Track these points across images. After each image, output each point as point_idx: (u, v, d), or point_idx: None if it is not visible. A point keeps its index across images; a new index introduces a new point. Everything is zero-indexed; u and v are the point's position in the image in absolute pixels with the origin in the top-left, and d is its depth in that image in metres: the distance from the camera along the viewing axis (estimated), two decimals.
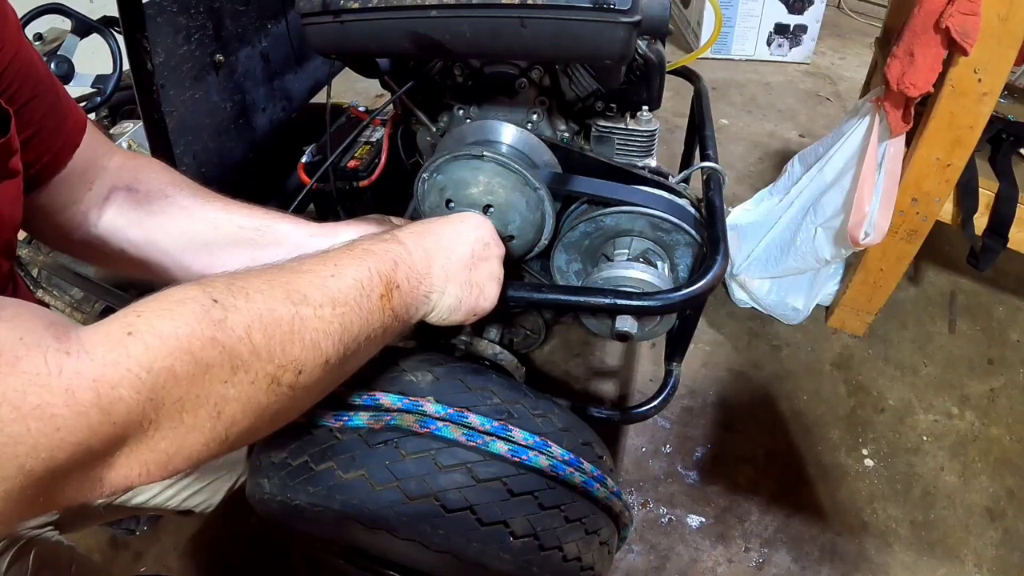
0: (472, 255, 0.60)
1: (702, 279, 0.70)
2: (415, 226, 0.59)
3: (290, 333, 0.41)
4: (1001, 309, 1.70)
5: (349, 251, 0.50)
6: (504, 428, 0.61)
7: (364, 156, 1.10)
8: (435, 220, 0.62)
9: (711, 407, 1.43)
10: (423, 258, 0.56)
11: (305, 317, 0.42)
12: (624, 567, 1.16)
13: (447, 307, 0.58)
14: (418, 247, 0.56)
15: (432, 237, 0.58)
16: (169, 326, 0.34)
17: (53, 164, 0.56)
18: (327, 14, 0.71)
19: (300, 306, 0.42)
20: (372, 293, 0.48)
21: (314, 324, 0.43)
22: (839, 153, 1.34)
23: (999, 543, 1.22)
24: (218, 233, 0.64)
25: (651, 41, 0.83)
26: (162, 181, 0.64)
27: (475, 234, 0.62)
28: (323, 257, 0.49)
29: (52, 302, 1.22)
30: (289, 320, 0.41)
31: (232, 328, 0.37)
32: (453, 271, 0.58)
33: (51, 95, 0.55)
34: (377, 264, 0.50)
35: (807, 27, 2.81)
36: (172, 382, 0.34)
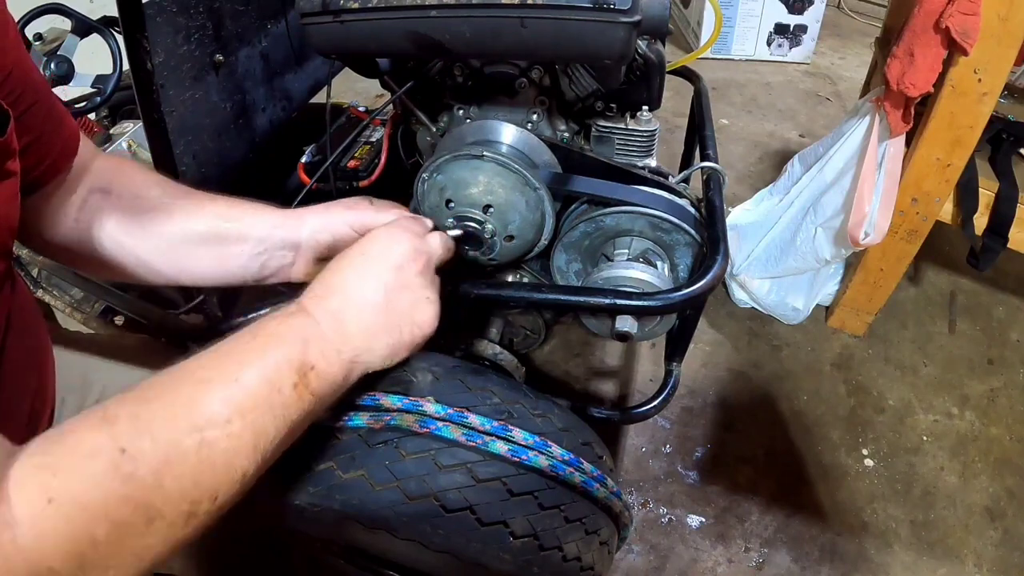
0: (385, 294, 0.54)
1: (702, 279, 0.70)
2: (318, 286, 0.54)
3: (199, 464, 0.40)
4: (1001, 309, 1.70)
5: (252, 341, 0.47)
6: (504, 428, 0.61)
7: (364, 156, 1.10)
8: (338, 268, 0.55)
9: (711, 407, 1.43)
10: (333, 324, 0.51)
11: (213, 441, 0.41)
12: (624, 567, 1.16)
13: (382, 358, 0.55)
14: (325, 313, 0.51)
15: (336, 296, 0.53)
16: (85, 492, 0.35)
17: (52, 169, 0.57)
18: (327, 14, 0.71)
19: (207, 430, 0.41)
20: (284, 386, 0.46)
21: (224, 444, 0.41)
22: (839, 153, 1.34)
23: (999, 543, 1.22)
24: (185, 234, 0.63)
25: (651, 41, 0.83)
26: (135, 183, 0.63)
27: (381, 267, 0.55)
28: (225, 356, 0.46)
29: (52, 302, 1.22)
30: (196, 450, 0.40)
31: (143, 479, 0.38)
32: (370, 323, 0.53)
33: (47, 102, 0.56)
34: (286, 351, 0.47)
35: (807, 27, 2.81)
36: (93, 548, 0.35)
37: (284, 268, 0.67)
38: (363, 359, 0.53)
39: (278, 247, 0.65)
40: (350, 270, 0.55)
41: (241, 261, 0.65)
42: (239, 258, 0.65)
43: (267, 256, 0.65)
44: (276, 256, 0.66)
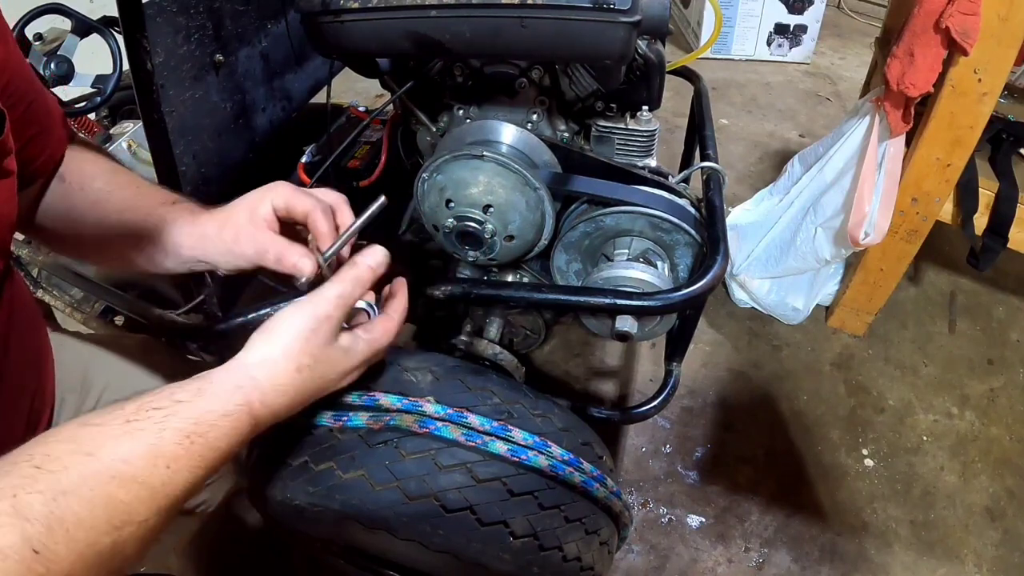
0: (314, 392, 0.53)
1: (702, 279, 0.71)
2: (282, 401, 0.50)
3: (112, 557, 0.40)
4: (1001, 309, 1.70)
5: (188, 447, 0.44)
6: (504, 428, 0.61)
7: (364, 156, 1.10)
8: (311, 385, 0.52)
9: (711, 407, 1.43)
10: (266, 421, 0.49)
11: (128, 537, 0.41)
12: (624, 567, 1.16)
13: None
14: (271, 418, 0.49)
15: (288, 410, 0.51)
16: None
17: (49, 161, 0.58)
18: (327, 14, 0.71)
19: (125, 528, 0.40)
20: (200, 485, 0.45)
21: (138, 536, 0.41)
22: (839, 153, 1.34)
23: (999, 543, 1.22)
24: (122, 224, 0.62)
25: (651, 41, 0.83)
26: (85, 171, 0.63)
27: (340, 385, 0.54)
28: (155, 455, 0.43)
29: (52, 302, 1.22)
30: (111, 547, 0.40)
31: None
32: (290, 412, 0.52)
33: (42, 98, 0.56)
34: (219, 461, 0.46)
35: (807, 27, 2.81)
36: None
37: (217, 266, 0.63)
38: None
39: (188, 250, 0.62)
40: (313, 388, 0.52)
41: (171, 266, 0.63)
42: (168, 264, 0.62)
43: (196, 253, 0.61)
44: (198, 266, 0.63)
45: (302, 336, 0.50)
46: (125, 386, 0.73)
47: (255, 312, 0.81)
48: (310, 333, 0.51)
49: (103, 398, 0.70)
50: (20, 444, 0.57)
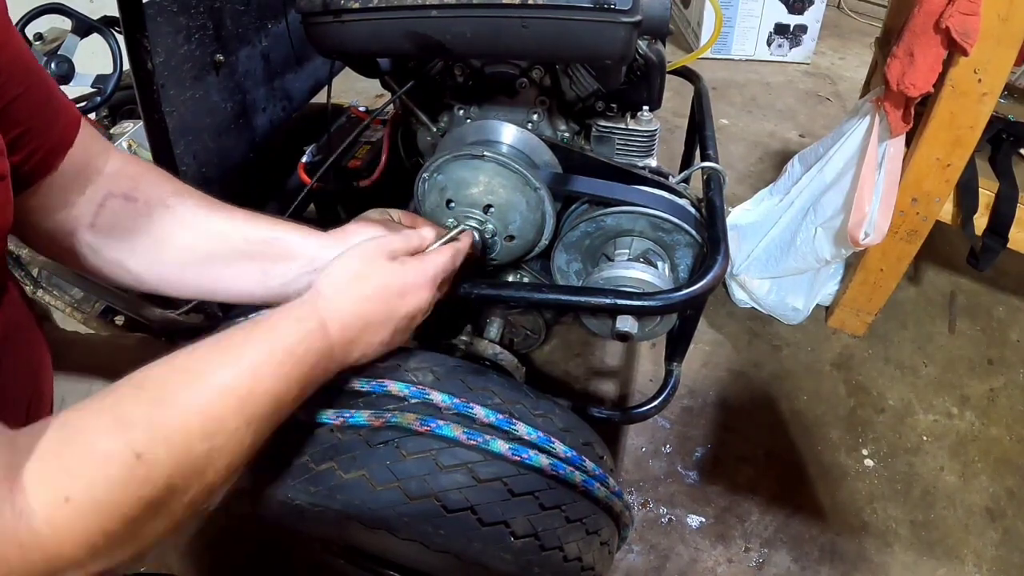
0: (394, 333, 0.60)
1: (702, 279, 0.71)
2: (347, 305, 0.56)
3: (207, 466, 0.44)
4: (1001, 309, 1.70)
5: (271, 355, 0.49)
6: (508, 421, 0.61)
7: (364, 156, 1.10)
8: (372, 297, 0.57)
9: (711, 407, 1.43)
10: (343, 349, 0.55)
11: (222, 446, 0.44)
12: (624, 567, 1.16)
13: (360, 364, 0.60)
14: (343, 339, 0.55)
15: (359, 327, 0.56)
16: (101, 491, 0.38)
17: (44, 164, 0.53)
18: (328, 14, 0.71)
19: (216, 436, 0.44)
20: (287, 400, 0.50)
21: (230, 448, 0.45)
22: (839, 153, 1.34)
23: (999, 543, 1.22)
24: (224, 247, 0.62)
25: (651, 41, 0.83)
26: (163, 191, 0.61)
27: (405, 312, 0.60)
28: (240, 358, 0.48)
29: (52, 302, 1.22)
30: (206, 454, 0.43)
31: (155, 482, 0.40)
32: (372, 351, 0.59)
33: (42, 90, 0.52)
34: (298, 370, 0.50)
35: (807, 27, 2.81)
36: (106, 540, 0.38)
37: None
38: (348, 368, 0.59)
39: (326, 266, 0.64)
40: (384, 309, 0.58)
41: (287, 279, 0.63)
42: (284, 276, 0.63)
43: (315, 275, 0.62)
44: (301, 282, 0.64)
45: (358, 253, 0.59)
46: None
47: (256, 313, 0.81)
48: (364, 252, 0.59)
49: None
50: None
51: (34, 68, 0.51)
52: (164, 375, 0.45)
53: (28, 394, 0.61)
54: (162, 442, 0.41)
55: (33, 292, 1.23)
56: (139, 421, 0.41)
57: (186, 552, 1.18)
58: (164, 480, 0.40)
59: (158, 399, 0.43)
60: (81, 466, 0.38)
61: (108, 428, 0.40)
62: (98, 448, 0.39)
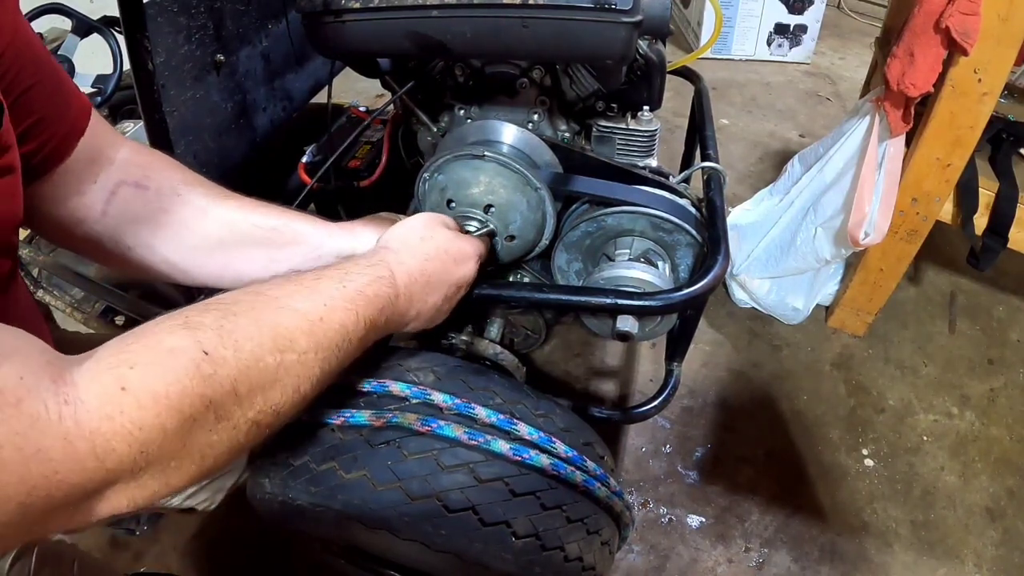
0: (444, 299, 0.64)
1: (703, 279, 0.71)
2: (412, 261, 0.60)
3: (274, 382, 0.43)
4: (1001, 309, 1.70)
5: (343, 289, 0.51)
6: (509, 422, 0.61)
7: (365, 156, 1.10)
8: (433, 258, 0.62)
9: (711, 407, 1.43)
10: (407, 301, 0.58)
11: (289, 364, 0.44)
12: (624, 567, 1.16)
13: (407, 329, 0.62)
14: (407, 291, 0.58)
15: (422, 283, 0.60)
16: (161, 384, 0.36)
17: (56, 153, 0.54)
18: (328, 14, 0.71)
19: (286, 353, 0.44)
20: (353, 337, 0.50)
21: (297, 370, 0.45)
22: (839, 153, 1.34)
23: (999, 543, 1.22)
24: (233, 233, 0.62)
25: (652, 41, 0.83)
26: (174, 179, 0.61)
27: (457, 279, 0.65)
28: (315, 292, 0.49)
29: (52, 302, 1.22)
30: (274, 369, 0.43)
31: (220, 383, 0.39)
32: (425, 312, 0.61)
33: (53, 80, 0.52)
34: (366, 309, 0.52)
35: (807, 27, 2.81)
36: (162, 438, 0.36)
37: None
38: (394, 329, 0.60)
39: (332, 255, 0.66)
40: (442, 270, 0.62)
41: (292, 264, 0.64)
42: (290, 261, 0.65)
43: (321, 263, 0.64)
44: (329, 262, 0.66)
45: (420, 218, 0.66)
46: None
47: None
48: (430, 219, 0.66)
49: None
50: None
51: (45, 58, 0.51)
52: (236, 296, 0.45)
53: None
54: (231, 345, 0.40)
55: (33, 293, 1.23)
56: (210, 324, 0.40)
57: (186, 552, 1.19)
58: (229, 383, 0.39)
59: (230, 311, 0.43)
60: (144, 356, 0.37)
61: (174, 328, 0.39)
62: (164, 342, 0.38)
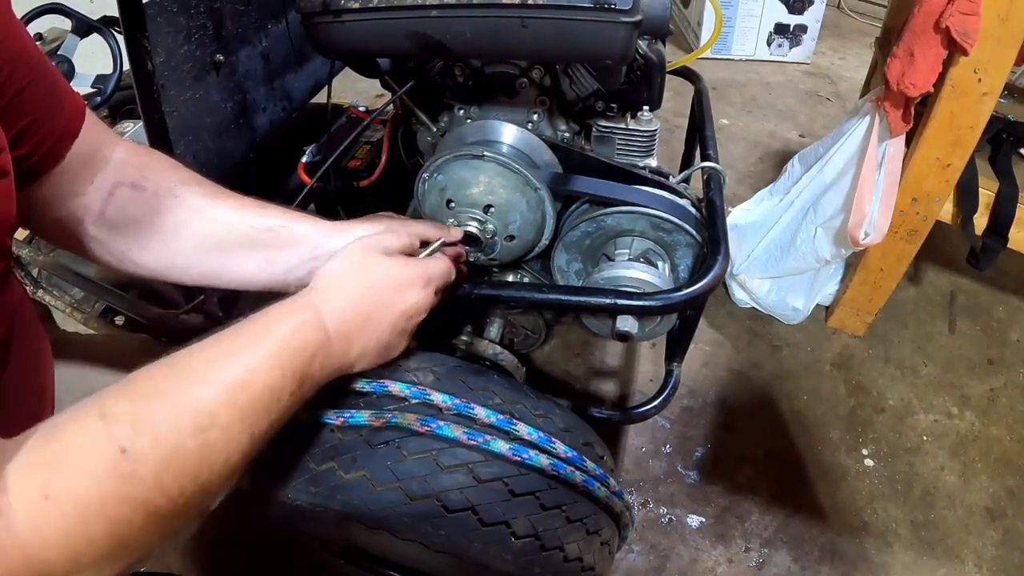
0: (393, 332, 0.58)
1: (703, 279, 0.71)
2: (342, 300, 0.55)
3: (199, 463, 0.41)
4: (1001, 309, 1.70)
5: (262, 346, 0.47)
6: (509, 422, 0.61)
7: (364, 156, 1.10)
8: (369, 292, 0.56)
9: (711, 407, 1.43)
10: (343, 343, 0.54)
11: (214, 442, 0.42)
12: (624, 567, 1.16)
13: (354, 369, 0.58)
14: (340, 332, 0.53)
15: (358, 321, 0.55)
16: (82, 490, 0.35)
17: (51, 155, 0.53)
18: (328, 14, 0.71)
19: (209, 431, 0.41)
20: (283, 394, 0.47)
21: (223, 446, 0.42)
22: (839, 153, 1.34)
23: (999, 543, 1.22)
24: (230, 235, 0.62)
25: (652, 41, 0.83)
26: (171, 179, 0.61)
27: (404, 309, 0.58)
28: (232, 356, 0.46)
29: (52, 302, 1.22)
30: (198, 452, 0.41)
31: (142, 480, 0.38)
32: (371, 349, 0.57)
33: (47, 81, 0.51)
34: (292, 362, 0.48)
35: (807, 27, 2.81)
36: (90, 545, 0.36)
37: None
38: (344, 371, 0.57)
39: (329, 256, 0.64)
40: (380, 304, 0.57)
41: (289, 265, 0.63)
42: (287, 262, 0.63)
43: (317, 263, 0.63)
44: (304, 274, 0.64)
45: (354, 248, 0.59)
46: None
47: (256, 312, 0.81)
48: (362, 247, 0.59)
49: None
50: None
51: (39, 59, 0.51)
52: (152, 372, 0.43)
53: (34, 385, 0.61)
54: (149, 436, 0.38)
55: (33, 293, 1.23)
56: (124, 415, 0.38)
57: (186, 552, 1.18)
58: (152, 478, 0.38)
59: (145, 394, 0.41)
60: (61, 460, 0.36)
61: (90, 423, 0.38)
62: (80, 442, 0.37)
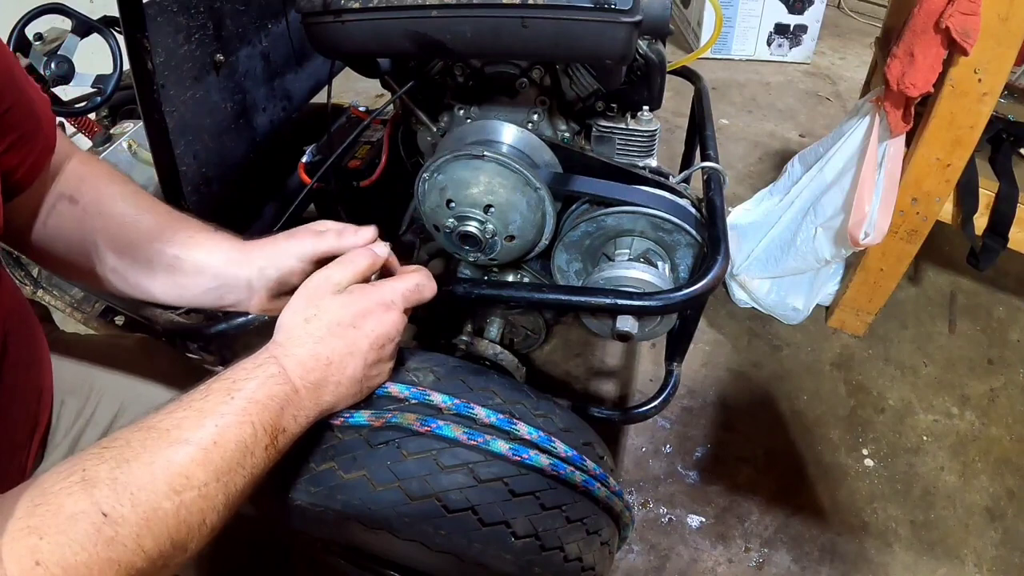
0: (366, 364, 0.56)
1: (703, 279, 0.71)
2: (300, 349, 0.53)
3: (176, 524, 0.42)
4: (1001, 309, 1.70)
5: (231, 402, 0.47)
6: (509, 422, 0.61)
7: (364, 156, 1.10)
8: (324, 336, 0.54)
9: (711, 407, 1.43)
10: (312, 392, 0.53)
11: (190, 502, 0.43)
12: (624, 567, 1.16)
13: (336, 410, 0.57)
14: (306, 381, 0.52)
15: (322, 367, 0.53)
16: (69, 555, 0.37)
17: (36, 167, 0.55)
18: (328, 14, 0.71)
19: (184, 492, 0.43)
20: (256, 449, 0.48)
21: (200, 505, 0.44)
22: (839, 153, 1.34)
23: (999, 543, 1.22)
24: (139, 259, 0.62)
25: (652, 41, 0.83)
26: (101, 194, 0.61)
27: (371, 340, 0.56)
28: (202, 415, 0.46)
29: (52, 302, 1.22)
30: (175, 512, 0.42)
31: (124, 543, 0.39)
32: (346, 387, 0.56)
33: (27, 97, 0.52)
34: (262, 416, 0.48)
35: (807, 27, 2.81)
36: None
37: (241, 302, 0.65)
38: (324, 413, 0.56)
39: (232, 283, 0.63)
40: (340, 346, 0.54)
41: (197, 292, 0.63)
42: (195, 289, 0.63)
43: (223, 291, 0.63)
44: (232, 291, 0.63)
45: (303, 295, 0.57)
46: (125, 387, 0.72)
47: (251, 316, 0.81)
48: (308, 292, 0.57)
49: (104, 399, 0.70)
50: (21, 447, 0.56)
51: (18, 74, 0.52)
52: (129, 435, 0.44)
53: (31, 385, 0.61)
54: (127, 500, 0.40)
55: (33, 292, 1.23)
56: (105, 478, 0.40)
57: None
58: (133, 541, 0.40)
59: (123, 457, 0.42)
60: (49, 526, 0.37)
61: (74, 488, 0.39)
62: (65, 508, 0.38)
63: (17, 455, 0.59)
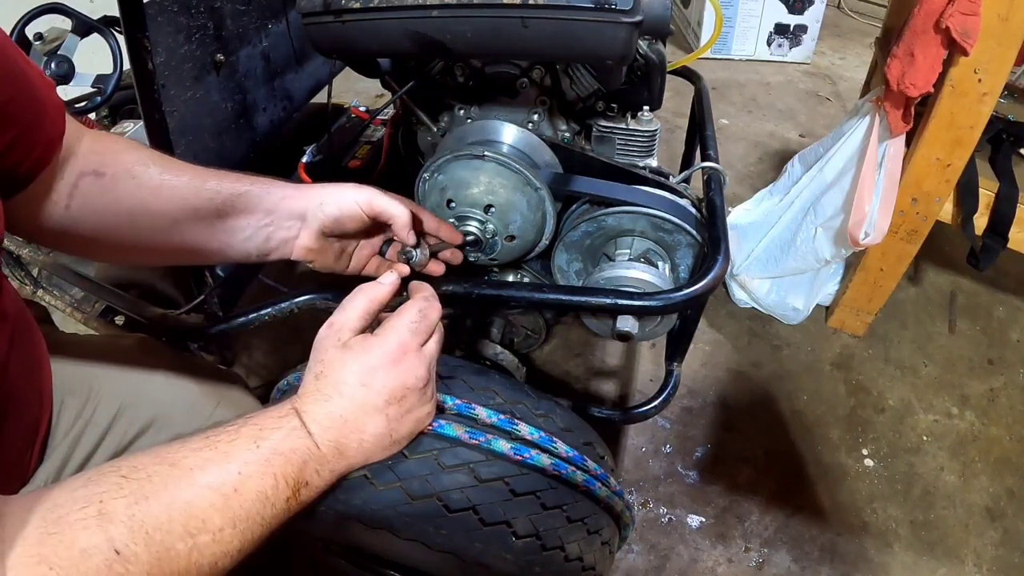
0: (387, 421, 0.54)
1: (703, 279, 0.71)
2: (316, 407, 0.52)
3: (188, 566, 0.42)
4: (1001, 309, 1.70)
5: (255, 451, 0.47)
6: (510, 421, 0.61)
7: (365, 156, 1.10)
8: (342, 397, 0.53)
9: (711, 407, 1.43)
10: (334, 449, 0.52)
11: (203, 546, 0.43)
12: (624, 567, 1.16)
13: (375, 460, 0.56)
14: (326, 438, 0.51)
15: (338, 425, 0.52)
16: None
17: (42, 159, 0.54)
18: (328, 14, 0.71)
19: (199, 536, 0.43)
20: (277, 501, 0.47)
21: (212, 549, 0.43)
22: (839, 153, 1.34)
23: (999, 543, 1.22)
24: (186, 210, 0.61)
25: (652, 41, 0.83)
26: (128, 161, 0.60)
27: (392, 388, 0.54)
28: (227, 456, 0.46)
29: (52, 302, 1.22)
30: (187, 555, 0.42)
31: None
32: (372, 447, 0.54)
33: (30, 89, 0.51)
34: (285, 468, 0.48)
35: (807, 27, 2.81)
36: None
37: (289, 241, 0.67)
38: (356, 469, 0.55)
39: (285, 218, 0.65)
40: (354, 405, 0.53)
41: (247, 233, 0.64)
42: (245, 231, 0.64)
43: (273, 228, 0.65)
44: (282, 227, 0.65)
45: (314, 351, 0.57)
46: (125, 387, 0.72)
47: (255, 312, 0.81)
48: (317, 341, 0.57)
49: (103, 400, 0.70)
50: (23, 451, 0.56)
51: (20, 66, 0.51)
52: (152, 467, 0.44)
53: (32, 388, 0.61)
54: (142, 539, 0.40)
55: (33, 292, 1.23)
56: (122, 514, 0.40)
57: None
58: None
59: (142, 493, 0.42)
60: (61, 558, 0.37)
61: (90, 521, 0.39)
62: (79, 542, 0.38)
63: (19, 458, 0.59)
